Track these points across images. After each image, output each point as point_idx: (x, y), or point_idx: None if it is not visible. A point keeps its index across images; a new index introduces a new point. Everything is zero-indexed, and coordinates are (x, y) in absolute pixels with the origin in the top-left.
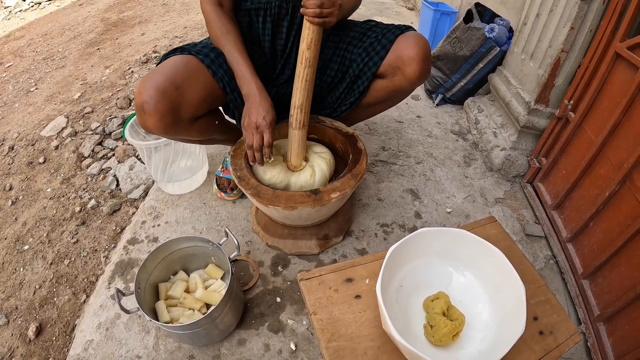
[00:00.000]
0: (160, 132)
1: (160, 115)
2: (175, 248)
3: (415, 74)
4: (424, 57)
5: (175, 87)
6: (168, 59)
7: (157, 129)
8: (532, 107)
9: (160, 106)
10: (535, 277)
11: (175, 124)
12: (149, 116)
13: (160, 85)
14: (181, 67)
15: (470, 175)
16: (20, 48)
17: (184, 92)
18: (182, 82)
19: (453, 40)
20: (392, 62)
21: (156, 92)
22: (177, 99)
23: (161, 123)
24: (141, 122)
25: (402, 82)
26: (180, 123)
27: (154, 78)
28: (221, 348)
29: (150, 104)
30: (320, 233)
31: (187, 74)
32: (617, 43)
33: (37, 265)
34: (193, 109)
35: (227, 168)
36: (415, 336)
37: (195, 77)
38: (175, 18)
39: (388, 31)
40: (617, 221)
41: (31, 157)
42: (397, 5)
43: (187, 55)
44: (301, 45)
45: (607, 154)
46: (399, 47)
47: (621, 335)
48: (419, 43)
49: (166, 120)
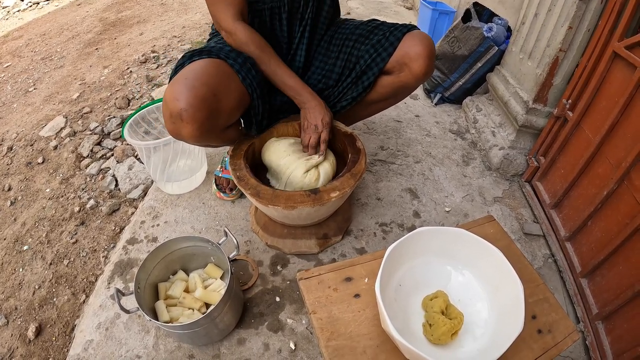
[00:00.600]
0: (193, 140)
1: (199, 124)
2: (174, 248)
3: (422, 69)
4: (430, 54)
5: (213, 94)
6: (196, 62)
7: (192, 137)
8: (531, 106)
9: (199, 115)
10: (533, 275)
11: (209, 132)
12: (186, 124)
13: (199, 92)
14: (213, 72)
15: (468, 175)
16: (18, 48)
17: (221, 99)
18: (219, 89)
19: (451, 39)
20: (399, 59)
21: (196, 100)
22: (216, 106)
23: (199, 132)
24: (174, 129)
25: (408, 78)
26: (215, 131)
27: (190, 83)
28: (221, 347)
29: (189, 112)
30: (319, 232)
31: (221, 80)
32: (615, 42)
33: (37, 266)
34: (229, 117)
35: (226, 168)
36: (414, 335)
37: (229, 83)
38: (174, 18)
39: (395, 29)
40: (615, 220)
41: (30, 158)
42: (396, 4)
43: (215, 59)
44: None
45: (605, 153)
46: (406, 44)
47: (619, 333)
48: (425, 41)
49: (203, 129)
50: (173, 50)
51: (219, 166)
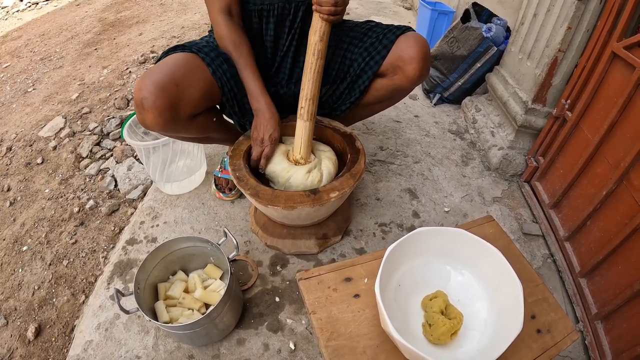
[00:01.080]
0: (158, 128)
1: (159, 112)
2: (174, 248)
3: (416, 73)
4: (424, 56)
5: (175, 84)
6: (168, 57)
7: (156, 125)
8: (530, 106)
9: (159, 102)
10: (532, 275)
11: (173, 121)
12: (148, 112)
13: (159, 82)
14: (181, 64)
15: (468, 175)
16: (17, 48)
17: (184, 89)
18: (182, 79)
19: (450, 40)
20: (392, 62)
21: (155, 88)
22: (177, 95)
23: (160, 119)
24: (140, 118)
25: (402, 81)
26: (179, 120)
27: (154, 74)
28: (220, 348)
29: (149, 99)
30: (319, 232)
31: (186, 71)
32: (614, 43)
33: (36, 266)
34: (192, 106)
35: (226, 168)
36: (414, 335)
37: (195, 74)
38: (173, 18)
39: (389, 31)
40: (614, 220)
41: (29, 158)
42: (395, 4)
43: (187, 53)
44: (313, 37)
45: (604, 153)
46: (400, 47)
47: (619, 333)
48: (419, 43)
49: (165, 117)
50: None
51: (218, 166)
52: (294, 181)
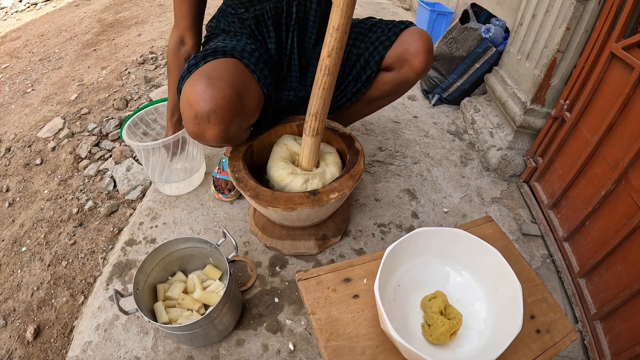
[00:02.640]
0: (217, 142)
1: (225, 126)
2: (173, 249)
3: (422, 64)
4: (429, 49)
5: (238, 95)
6: (214, 62)
7: (218, 139)
8: (528, 107)
9: (227, 117)
10: (531, 275)
11: (234, 135)
12: (213, 126)
13: (226, 93)
14: (234, 72)
15: (466, 175)
16: (16, 49)
17: (244, 101)
18: (242, 90)
19: (449, 40)
20: (399, 55)
21: (224, 101)
22: (240, 108)
23: (225, 133)
24: (198, 130)
25: (409, 73)
26: (238, 133)
27: (216, 84)
28: (220, 348)
29: (218, 113)
30: (318, 233)
31: (242, 81)
32: (613, 43)
33: (35, 267)
34: (251, 119)
35: (224, 169)
36: (413, 335)
37: (249, 83)
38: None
39: (393, 26)
40: (613, 220)
41: (28, 159)
42: (394, 5)
43: (233, 59)
44: (322, 52)
45: (603, 154)
46: (406, 40)
47: (618, 333)
48: (424, 36)
49: (230, 131)
50: None
51: (217, 168)
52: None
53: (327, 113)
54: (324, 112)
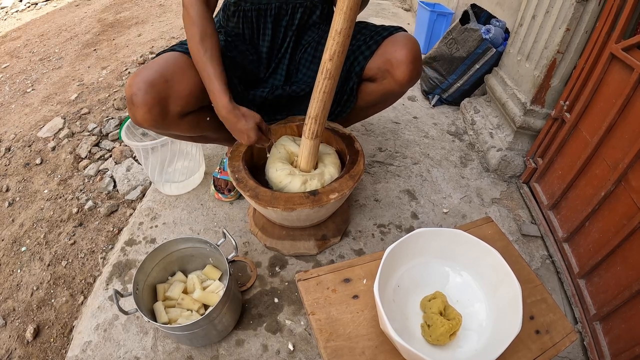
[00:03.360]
0: (148, 125)
1: (148, 107)
2: (173, 249)
3: (405, 76)
4: (413, 59)
5: (164, 80)
6: (159, 56)
7: (146, 121)
8: (528, 107)
9: (149, 98)
10: (531, 276)
11: (163, 117)
12: (137, 108)
13: (148, 78)
14: (171, 62)
15: (466, 176)
16: (16, 49)
17: (173, 85)
18: (172, 76)
19: (449, 41)
20: (380, 66)
21: (145, 84)
22: (166, 91)
23: (149, 115)
24: (131, 114)
25: (392, 85)
26: (169, 116)
27: (144, 72)
28: (219, 349)
29: (139, 95)
30: (318, 234)
31: (176, 69)
32: (613, 44)
33: (35, 267)
34: (182, 103)
35: (225, 169)
36: (413, 335)
37: (185, 72)
38: (172, 19)
39: (376, 33)
40: (613, 221)
41: (28, 159)
42: (394, 6)
43: (177, 52)
44: (324, 55)
45: (603, 154)
46: (388, 50)
47: (617, 333)
48: (407, 45)
49: (154, 112)
50: None
51: (217, 168)
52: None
53: (327, 116)
54: (323, 115)
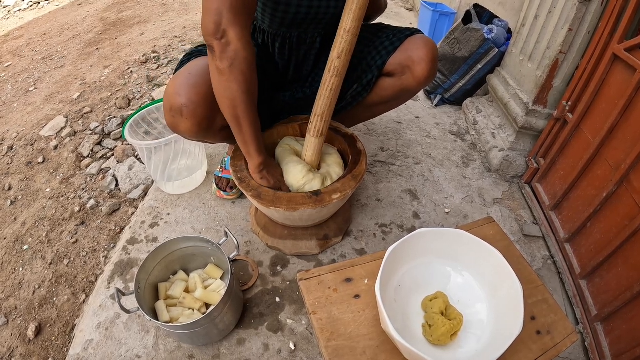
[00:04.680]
0: (190, 135)
1: (198, 121)
2: (174, 248)
3: (424, 73)
4: (433, 58)
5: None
6: (199, 59)
7: (190, 133)
8: (531, 108)
9: (200, 112)
10: (532, 277)
11: (207, 130)
12: (185, 120)
13: (201, 90)
14: None
15: (468, 176)
16: (19, 48)
17: None
18: None
19: (452, 41)
20: (402, 62)
21: (197, 97)
22: (216, 105)
23: (197, 128)
24: (172, 122)
25: (410, 81)
26: (213, 129)
27: (192, 80)
28: (221, 348)
29: (190, 108)
30: (320, 233)
31: None
32: (615, 45)
33: (37, 265)
34: None
35: (226, 168)
36: (414, 335)
37: None
38: (175, 18)
39: (399, 32)
40: (615, 222)
41: (30, 157)
42: (396, 5)
43: None
44: (332, 53)
45: (605, 155)
46: (410, 48)
47: (618, 334)
48: (428, 45)
49: (202, 126)
50: (174, 50)
51: (219, 166)
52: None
53: (332, 114)
54: (329, 113)
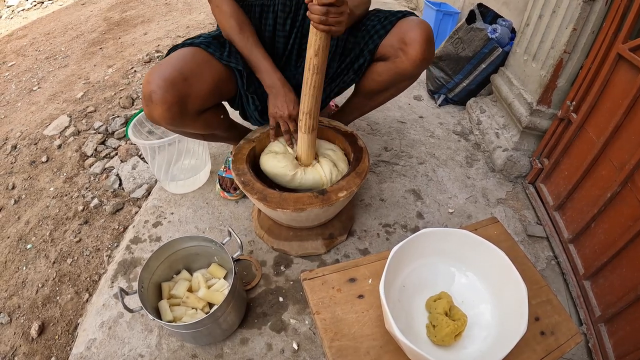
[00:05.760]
0: (165, 122)
1: (167, 105)
2: (178, 247)
3: (418, 55)
4: (427, 38)
5: (184, 78)
6: (175, 52)
7: (164, 119)
8: (534, 108)
9: (168, 96)
10: (536, 277)
11: (181, 115)
12: (156, 106)
13: (168, 76)
14: (189, 58)
15: (472, 176)
16: (22, 47)
17: (192, 84)
18: (190, 74)
19: (455, 40)
20: (393, 43)
21: (164, 82)
22: (185, 89)
23: (168, 113)
24: (147, 112)
25: (404, 64)
26: (187, 115)
27: (162, 69)
28: (224, 347)
29: (158, 93)
30: (325, 233)
31: (194, 65)
32: (620, 44)
33: (40, 264)
34: (200, 101)
35: (230, 168)
36: (418, 336)
37: (203, 68)
38: (178, 17)
39: (391, 14)
40: (619, 222)
41: (34, 156)
42: (399, 5)
43: (194, 47)
44: (308, 51)
45: (609, 155)
46: (402, 29)
47: (622, 336)
48: (421, 25)
49: (173, 111)
50: None
51: (223, 166)
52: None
53: (319, 109)
54: (316, 109)
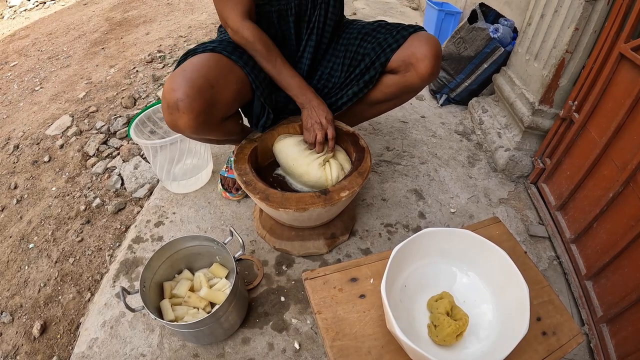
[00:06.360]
0: (190, 131)
1: (195, 114)
2: (180, 247)
3: (427, 70)
4: (436, 55)
5: (210, 85)
6: (195, 57)
7: (189, 128)
8: (537, 107)
9: (196, 105)
10: (538, 277)
11: (207, 124)
12: (182, 114)
13: (195, 83)
14: (213, 65)
15: (474, 176)
16: (25, 47)
17: (218, 91)
18: (216, 80)
19: (457, 40)
20: (405, 58)
21: (192, 90)
22: (212, 97)
23: (195, 122)
24: (171, 120)
25: (413, 78)
26: (212, 123)
27: (187, 75)
28: (225, 347)
29: (185, 102)
30: (327, 232)
31: (219, 73)
32: (622, 44)
33: (42, 264)
34: (226, 109)
35: (232, 168)
36: (419, 336)
37: (227, 75)
38: (180, 17)
39: (402, 29)
40: (621, 222)
41: (36, 156)
42: (402, 5)
43: (215, 53)
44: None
45: (611, 155)
46: (413, 44)
47: (624, 336)
48: (431, 42)
49: (200, 120)
50: (179, 50)
51: (225, 166)
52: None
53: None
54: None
